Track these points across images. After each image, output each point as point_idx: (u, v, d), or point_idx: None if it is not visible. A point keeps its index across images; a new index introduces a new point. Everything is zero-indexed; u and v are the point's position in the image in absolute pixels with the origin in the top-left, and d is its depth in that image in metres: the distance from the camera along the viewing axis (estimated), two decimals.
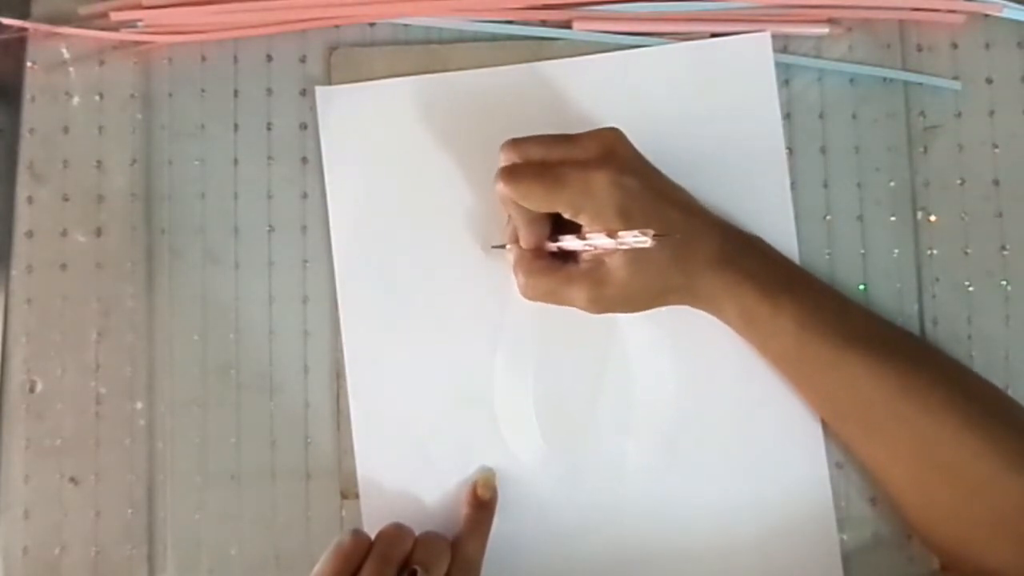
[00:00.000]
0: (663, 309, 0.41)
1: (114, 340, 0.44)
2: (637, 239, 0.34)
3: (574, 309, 0.40)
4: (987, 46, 0.45)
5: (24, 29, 0.45)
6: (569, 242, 0.39)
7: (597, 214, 0.38)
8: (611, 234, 0.36)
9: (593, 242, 0.38)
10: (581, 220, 0.38)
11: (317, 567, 0.38)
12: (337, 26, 0.45)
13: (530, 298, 0.41)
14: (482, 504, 0.42)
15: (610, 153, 0.39)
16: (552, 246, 0.40)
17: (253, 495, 0.44)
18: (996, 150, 0.44)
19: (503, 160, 0.40)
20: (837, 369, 0.39)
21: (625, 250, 0.38)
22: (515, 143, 0.39)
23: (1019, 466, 0.37)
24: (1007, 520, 0.38)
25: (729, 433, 0.43)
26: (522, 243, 0.41)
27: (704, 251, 0.39)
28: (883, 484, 0.41)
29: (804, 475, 0.43)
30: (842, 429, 0.42)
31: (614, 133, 0.40)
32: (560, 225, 0.40)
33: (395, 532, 0.39)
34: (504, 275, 0.42)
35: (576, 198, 0.38)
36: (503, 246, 0.42)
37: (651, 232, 0.34)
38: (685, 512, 0.43)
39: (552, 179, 0.38)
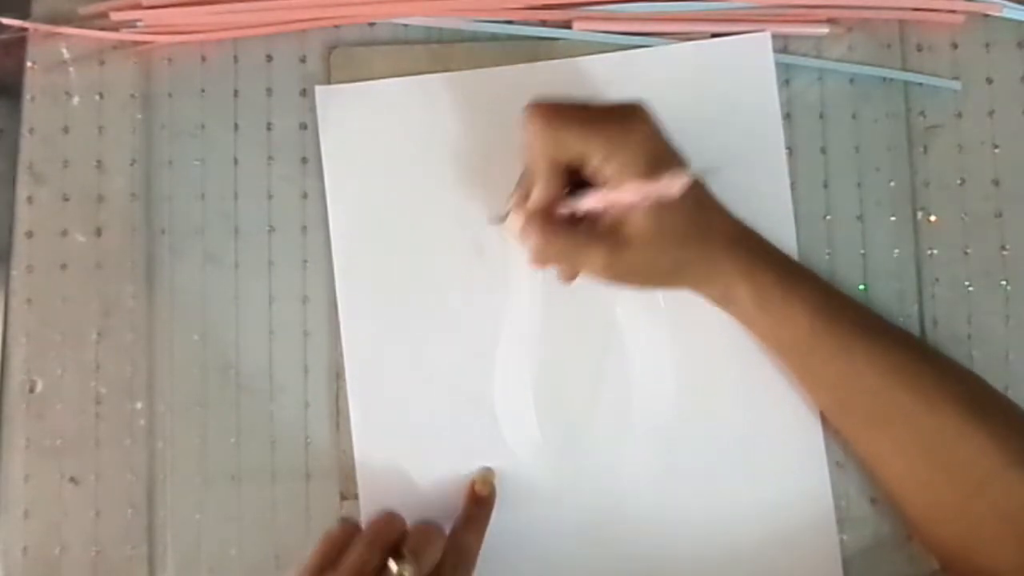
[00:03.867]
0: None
1: (114, 340, 0.44)
2: (672, 180, 0.33)
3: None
4: (987, 46, 0.45)
5: (24, 29, 0.45)
6: (589, 198, 0.37)
7: (626, 164, 0.37)
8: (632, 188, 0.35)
9: (613, 195, 0.36)
10: (608, 169, 0.37)
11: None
12: (337, 26, 0.45)
13: (541, 262, 0.39)
14: (480, 500, 0.42)
15: (642, 115, 0.38)
16: (564, 209, 0.38)
17: (253, 495, 0.44)
18: (996, 150, 0.44)
19: (531, 108, 0.38)
20: (845, 359, 0.39)
21: (646, 214, 0.36)
22: (543, 98, 0.38)
23: (1022, 464, 0.37)
24: (1010, 518, 0.38)
25: (729, 433, 0.43)
26: (534, 199, 0.39)
27: (722, 228, 0.39)
28: (884, 481, 0.41)
29: (804, 475, 0.43)
30: (845, 423, 0.42)
31: (642, 103, 0.38)
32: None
33: (384, 519, 0.39)
34: (503, 275, 0.42)
35: (610, 142, 0.37)
36: (506, 216, 0.41)
37: (688, 170, 0.32)
38: (684, 511, 0.43)
39: (589, 120, 0.37)
